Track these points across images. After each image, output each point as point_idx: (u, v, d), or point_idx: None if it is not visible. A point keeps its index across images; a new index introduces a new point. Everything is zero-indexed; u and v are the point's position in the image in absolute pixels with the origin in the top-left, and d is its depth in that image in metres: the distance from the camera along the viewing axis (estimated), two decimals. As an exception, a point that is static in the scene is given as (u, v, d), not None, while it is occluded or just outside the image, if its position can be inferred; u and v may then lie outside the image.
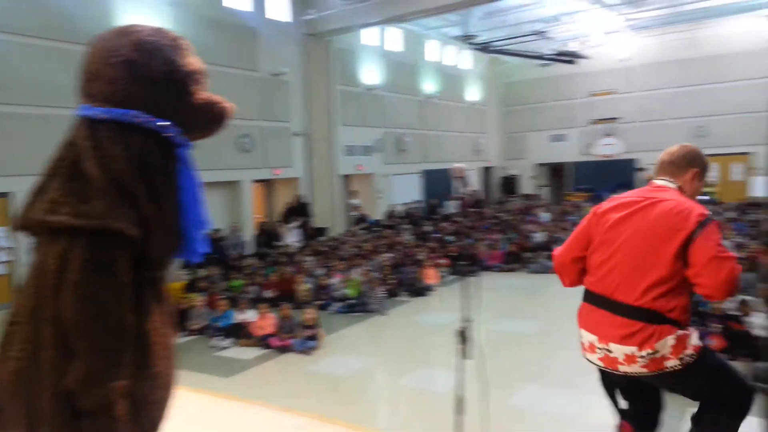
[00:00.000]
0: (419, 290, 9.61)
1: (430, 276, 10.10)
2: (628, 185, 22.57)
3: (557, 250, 2.84)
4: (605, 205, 2.70)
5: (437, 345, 7.25)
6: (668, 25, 20.70)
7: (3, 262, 9.50)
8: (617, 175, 22.80)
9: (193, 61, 2.24)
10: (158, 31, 2.13)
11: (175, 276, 9.75)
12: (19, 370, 1.95)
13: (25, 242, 2.26)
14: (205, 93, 2.30)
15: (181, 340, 7.67)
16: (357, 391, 5.72)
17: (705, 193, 18.81)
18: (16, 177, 8.82)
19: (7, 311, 2.14)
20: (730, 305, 6.63)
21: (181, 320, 7.95)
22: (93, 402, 1.89)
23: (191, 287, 9.29)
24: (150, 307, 2.19)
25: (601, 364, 2.64)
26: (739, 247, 9.97)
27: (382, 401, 5.68)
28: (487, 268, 11.41)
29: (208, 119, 2.30)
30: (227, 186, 14.12)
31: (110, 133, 2.10)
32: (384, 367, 6.43)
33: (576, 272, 2.75)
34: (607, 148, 23.04)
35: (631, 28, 21.05)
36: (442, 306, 9.10)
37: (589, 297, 2.68)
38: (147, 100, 2.13)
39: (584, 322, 2.68)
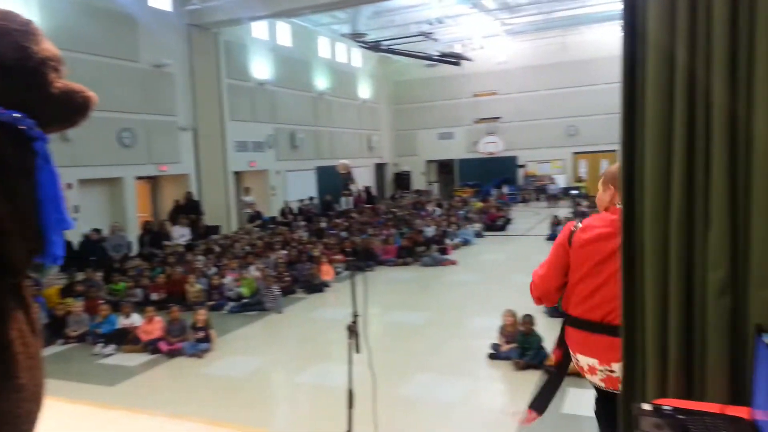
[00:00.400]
0: (315, 287, 9.65)
1: (326, 272, 10.17)
2: (511, 181, 24.08)
3: (537, 281, 2.83)
4: (583, 236, 2.64)
5: (333, 341, 7.32)
6: (541, 31, 22.28)
7: None
8: (500, 171, 24.23)
9: (47, 46, 2.08)
10: (6, 15, 1.99)
11: (50, 280, 9.03)
12: None
13: None
14: (64, 81, 2.16)
15: (59, 348, 7.15)
16: (252, 392, 5.65)
17: (576, 188, 20.54)
18: None
19: None
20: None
21: (58, 327, 7.40)
22: None
23: (68, 292, 8.66)
24: (11, 315, 2.06)
25: (602, 385, 2.65)
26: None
27: (278, 400, 5.67)
28: (382, 263, 11.69)
29: (68, 110, 2.14)
30: (108, 183, 13.24)
31: None
32: (280, 365, 6.41)
33: (557, 297, 2.79)
34: (490, 146, 24.40)
35: (507, 33, 22.40)
36: (338, 302, 9.21)
37: (580, 323, 2.67)
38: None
39: (580, 348, 2.68)
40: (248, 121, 17.25)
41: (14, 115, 1.98)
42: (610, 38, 21.44)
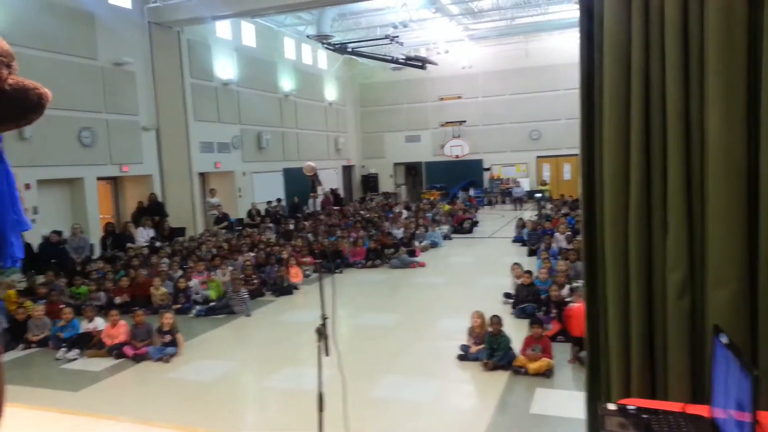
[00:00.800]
0: (284, 289, 9.61)
1: (294, 275, 10.13)
2: (477, 184, 24.41)
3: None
4: None
5: (303, 343, 7.30)
6: (504, 37, 22.68)
7: None
8: (466, 174, 24.53)
9: None
10: None
11: (9, 283, 8.75)
12: None
13: None
14: (16, 78, 2.10)
15: (20, 353, 6.94)
16: (221, 396, 5.60)
17: (540, 191, 20.94)
18: None
19: None
20: (564, 293, 7.55)
21: (19, 332, 7.18)
22: None
23: (28, 295, 8.41)
24: None
25: None
26: (570, 240, 11.29)
27: (247, 405, 5.63)
28: (350, 265, 11.71)
29: (22, 107, 2.09)
30: (68, 184, 12.89)
31: None
32: (249, 369, 6.37)
33: None
34: (456, 149, 24.69)
35: (471, 38, 22.73)
36: (306, 304, 9.18)
37: None
38: None
39: None
40: (213, 122, 17.03)
41: None
42: (571, 45, 21.98)
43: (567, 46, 21.87)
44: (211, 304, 8.72)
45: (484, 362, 5.89)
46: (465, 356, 6.15)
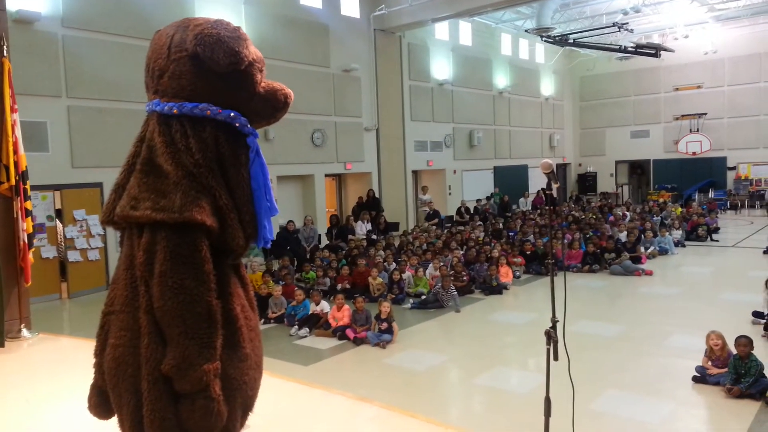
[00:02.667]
0: (494, 289, 9.45)
1: (504, 274, 9.92)
2: (718, 185, 21.33)
3: None
4: None
5: (511, 344, 7.11)
6: (759, 15, 19.32)
7: (96, 249, 10.15)
8: (705, 173, 21.59)
9: (253, 50, 2.24)
10: (219, 23, 2.15)
11: (253, 266, 10.08)
12: (120, 357, 2.06)
13: (113, 233, 2.37)
14: (267, 81, 2.31)
15: (261, 327, 7.90)
16: (432, 386, 5.70)
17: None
18: (108, 169, 9.36)
19: (103, 302, 2.27)
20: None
21: (262, 308, 8.21)
22: (189, 384, 1.97)
23: (268, 276, 9.56)
24: (235, 292, 2.26)
25: None
26: None
27: (457, 398, 5.63)
28: (564, 268, 11.07)
29: (273, 106, 2.35)
30: (300, 180, 14.45)
31: (182, 128, 2.17)
32: (459, 364, 6.36)
33: None
34: (693, 145, 21.84)
35: (716, 20, 19.81)
36: (517, 305, 8.93)
37: None
38: (214, 92, 2.18)
39: None
40: (428, 121, 17.59)
41: (231, 114, 2.18)
42: None
43: None
44: (423, 297, 8.94)
45: (727, 387, 5.06)
46: (702, 379, 5.38)
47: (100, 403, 2.25)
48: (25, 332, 5.57)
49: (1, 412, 3.40)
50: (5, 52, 5.27)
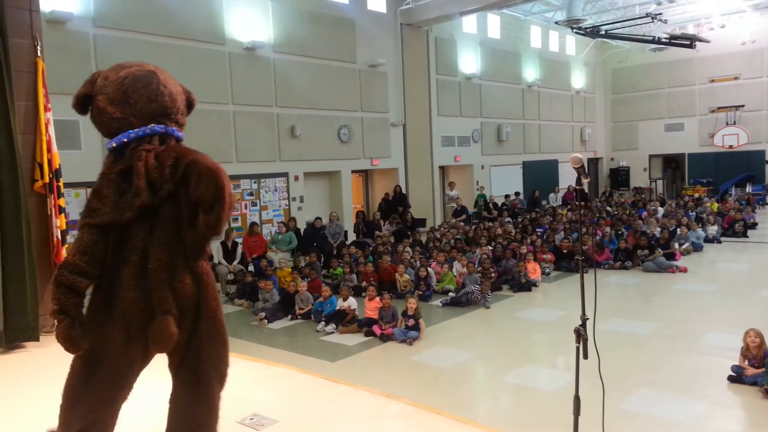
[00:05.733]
0: (522, 285, 9.32)
1: (532, 270, 9.77)
2: (756, 179, 20.67)
3: None
4: None
5: (540, 342, 7.00)
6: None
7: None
8: (742, 167, 20.93)
9: None
10: (158, 71, 2.59)
11: (281, 263, 10.14)
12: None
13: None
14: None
15: (288, 323, 7.97)
16: (459, 383, 5.65)
17: None
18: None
19: None
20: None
21: (289, 304, 8.26)
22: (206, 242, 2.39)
23: (297, 273, 9.62)
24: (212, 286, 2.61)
25: None
26: None
27: (484, 395, 5.57)
28: (595, 265, 10.86)
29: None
30: (327, 176, 14.49)
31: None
32: (486, 361, 6.29)
33: None
34: (730, 138, 21.18)
35: (755, 8, 19.12)
36: (546, 302, 8.79)
37: None
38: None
39: None
40: (455, 116, 17.44)
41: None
42: None
43: None
44: (451, 295, 8.87)
45: (765, 388, 4.91)
46: (738, 378, 5.24)
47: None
48: (59, 326, 5.69)
49: (39, 406, 3.49)
50: (39, 52, 5.39)
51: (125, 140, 2.43)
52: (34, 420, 3.40)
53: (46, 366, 4.81)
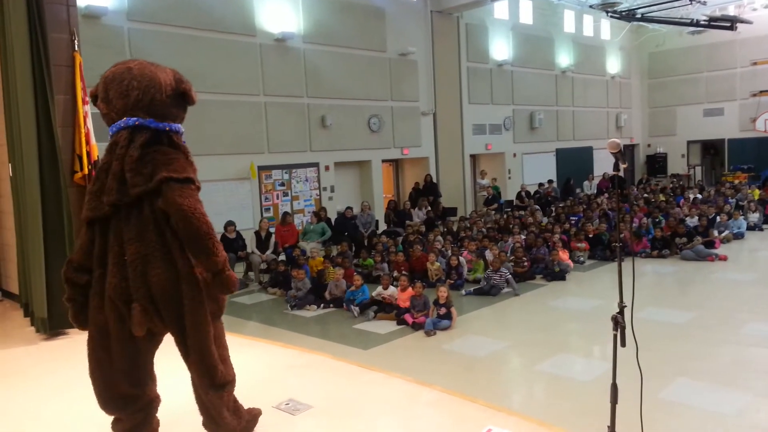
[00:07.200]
0: (556, 274, 9.19)
1: (565, 259, 9.63)
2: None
3: None
4: None
5: (574, 331, 6.91)
6: None
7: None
8: (785, 153, 20.19)
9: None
10: (159, 67, 2.75)
11: (313, 252, 10.22)
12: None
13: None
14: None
15: (320, 312, 8.04)
16: (493, 372, 5.62)
17: None
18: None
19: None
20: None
21: (320, 292, 8.33)
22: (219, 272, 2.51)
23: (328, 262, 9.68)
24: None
25: None
26: None
27: (519, 384, 5.53)
28: (632, 254, 10.61)
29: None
30: (358, 165, 14.50)
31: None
32: (520, 350, 6.23)
33: None
34: (773, 123, 20.40)
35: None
36: (580, 291, 8.65)
37: None
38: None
39: None
40: (486, 104, 17.22)
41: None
42: None
43: None
44: (482, 284, 8.79)
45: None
46: (783, 370, 5.04)
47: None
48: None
49: (85, 391, 3.59)
50: (76, 46, 5.50)
51: (110, 135, 2.63)
52: (78, 403, 3.51)
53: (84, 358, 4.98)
